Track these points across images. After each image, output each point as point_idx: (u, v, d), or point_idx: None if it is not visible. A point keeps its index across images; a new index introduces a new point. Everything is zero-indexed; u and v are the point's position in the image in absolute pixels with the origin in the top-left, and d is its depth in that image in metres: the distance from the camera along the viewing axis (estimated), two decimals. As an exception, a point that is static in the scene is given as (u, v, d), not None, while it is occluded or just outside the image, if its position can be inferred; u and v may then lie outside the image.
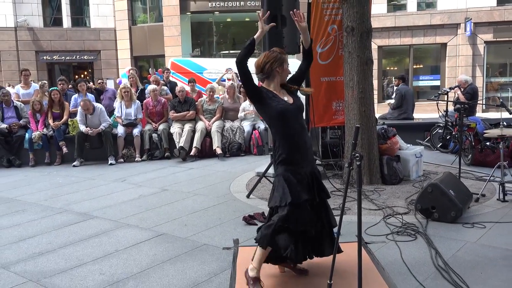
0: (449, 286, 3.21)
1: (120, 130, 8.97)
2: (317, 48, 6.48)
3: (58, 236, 4.63)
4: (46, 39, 21.85)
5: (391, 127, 6.77)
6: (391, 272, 3.43)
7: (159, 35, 21.34)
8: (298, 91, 3.37)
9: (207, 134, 8.96)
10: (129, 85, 9.61)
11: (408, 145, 6.89)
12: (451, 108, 8.94)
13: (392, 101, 11.30)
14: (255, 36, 3.25)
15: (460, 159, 6.00)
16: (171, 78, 11.89)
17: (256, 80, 3.23)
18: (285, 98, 3.21)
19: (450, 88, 9.32)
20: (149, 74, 15.55)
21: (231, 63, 13.83)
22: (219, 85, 11.29)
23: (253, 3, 20.60)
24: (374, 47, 18.94)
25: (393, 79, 17.78)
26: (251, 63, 3.05)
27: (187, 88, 10.34)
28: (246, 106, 9.49)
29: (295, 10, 3.34)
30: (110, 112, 9.55)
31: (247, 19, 22.58)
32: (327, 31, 6.50)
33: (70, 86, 11.05)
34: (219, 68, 13.36)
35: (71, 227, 4.90)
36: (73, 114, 9.15)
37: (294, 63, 14.03)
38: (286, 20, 5.48)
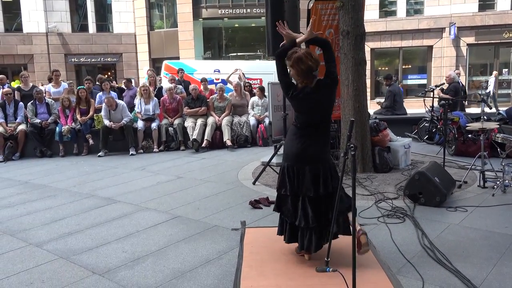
0: (434, 263, 3.20)
1: (140, 124, 8.97)
2: (316, 50, 6.42)
3: (85, 218, 4.65)
4: (74, 43, 21.87)
5: (382, 121, 6.73)
6: (382, 251, 3.42)
7: (175, 39, 21.30)
8: None
9: (217, 128, 8.96)
10: (148, 84, 9.62)
11: (398, 137, 6.84)
12: (436, 103, 8.87)
13: (381, 100, 11.12)
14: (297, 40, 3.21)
15: (445, 150, 5.97)
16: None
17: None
18: None
19: (436, 86, 9.25)
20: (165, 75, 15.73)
21: (218, 65, 13.93)
22: (227, 83, 11.24)
23: (258, 10, 20.50)
24: (367, 49, 18.82)
25: (382, 79, 17.60)
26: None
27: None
28: (256, 101, 9.46)
29: (278, 23, 3.26)
30: (131, 108, 9.54)
31: (253, 25, 22.47)
32: (325, 35, 6.44)
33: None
34: (207, 70, 13.35)
35: (96, 210, 4.92)
36: (98, 110, 9.15)
37: (265, 65, 13.89)
38: (288, 25, 5.41)
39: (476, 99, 14.39)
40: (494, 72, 19.04)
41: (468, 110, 11.27)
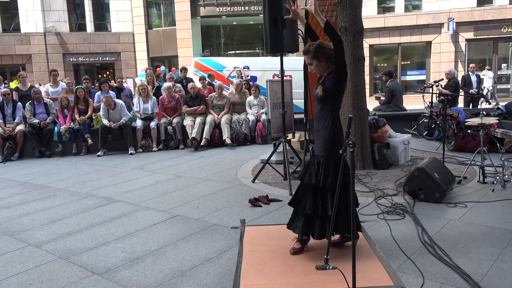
0: (434, 260, 3.19)
1: (138, 123, 8.96)
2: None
3: (84, 218, 4.64)
4: (72, 43, 21.84)
5: (381, 117, 6.72)
6: (382, 248, 3.41)
7: (173, 38, 21.28)
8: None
9: (216, 126, 8.94)
10: (146, 83, 9.61)
11: (397, 133, 6.83)
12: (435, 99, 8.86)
13: (380, 95, 11.13)
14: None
15: (444, 146, 5.96)
16: (193, 76, 12.08)
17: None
18: (318, 88, 3.23)
19: (435, 82, 9.24)
20: (159, 68, 16.32)
21: (246, 61, 13.85)
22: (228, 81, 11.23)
23: (256, 8, 20.47)
24: (365, 45, 18.85)
25: (382, 76, 17.58)
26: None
27: (199, 85, 10.32)
28: (251, 100, 9.45)
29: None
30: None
31: (251, 22, 22.45)
32: (323, 32, 6.40)
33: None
34: (237, 66, 13.28)
35: (96, 210, 4.91)
36: (96, 110, 9.15)
37: (293, 61, 13.85)
38: (286, 22, 5.40)
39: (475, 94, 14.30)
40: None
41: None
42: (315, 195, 3.14)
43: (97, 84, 10.56)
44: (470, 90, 10.87)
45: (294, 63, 12.31)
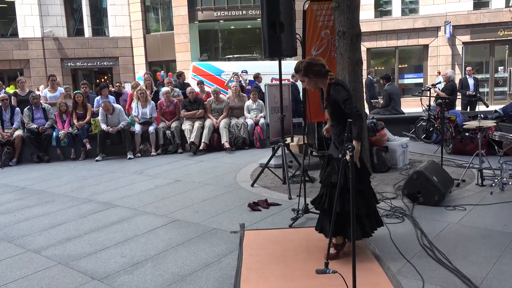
0: (434, 263, 3.19)
1: (137, 128, 8.96)
2: (312, 51, 6.43)
3: (83, 223, 4.63)
4: (70, 48, 21.82)
5: (380, 121, 6.73)
6: (381, 251, 3.41)
7: (171, 42, 21.29)
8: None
9: (215, 130, 8.94)
10: (144, 88, 9.61)
11: (395, 137, 6.85)
12: (433, 103, 8.89)
13: (379, 100, 11.15)
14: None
15: (442, 149, 5.97)
16: (191, 80, 12.08)
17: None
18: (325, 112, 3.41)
19: (433, 85, 9.28)
20: (158, 72, 16.37)
21: (244, 66, 13.87)
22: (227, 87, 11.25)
23: (254, 12, 20.52)
24: (363, 49, 18.84)
25: (380, 80, 17.60)
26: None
27: (197, 89, 10.32)
28: (250, 104, 9.46)
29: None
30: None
31: (249, 26, 22.49)
32: (321, 36, 6.43)
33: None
34: (235, 71, 13.29)
35: (95, 215, 4.90)
36: (95, 114, 9.14)
37: (291, 65, 13.84)
38: (284, 26, 5.42)
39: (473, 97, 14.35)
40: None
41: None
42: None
43: (97, 88, 10.57)
44: (468, 92, 10.91)
45: (293, 67, 12.30)
